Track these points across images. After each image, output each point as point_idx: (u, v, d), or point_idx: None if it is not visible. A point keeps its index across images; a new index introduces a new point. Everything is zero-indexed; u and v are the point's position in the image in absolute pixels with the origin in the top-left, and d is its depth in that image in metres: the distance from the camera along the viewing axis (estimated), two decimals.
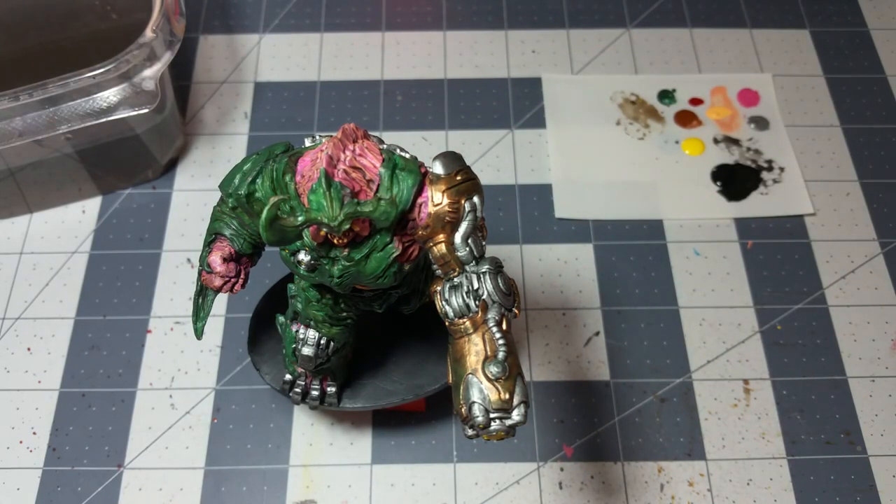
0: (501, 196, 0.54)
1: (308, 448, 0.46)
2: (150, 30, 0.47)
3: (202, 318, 0.36)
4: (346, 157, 0.30)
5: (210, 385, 0.48)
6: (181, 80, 0.60)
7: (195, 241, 0.53)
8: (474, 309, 0.31)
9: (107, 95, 0.46)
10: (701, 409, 0.47)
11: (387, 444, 0.46)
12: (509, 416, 0.30)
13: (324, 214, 0.29)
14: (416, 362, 0.42)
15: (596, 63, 0.61)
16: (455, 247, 0.31)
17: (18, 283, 0.51)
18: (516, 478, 0.45)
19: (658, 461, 0.46)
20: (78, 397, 0.47)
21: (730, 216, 0.53)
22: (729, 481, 0.45)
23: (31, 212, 0.54)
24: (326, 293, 0.36)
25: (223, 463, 0.45)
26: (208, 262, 0.34)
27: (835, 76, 0.60)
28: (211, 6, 0.64)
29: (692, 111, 0.58)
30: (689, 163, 0.56)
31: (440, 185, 0.31)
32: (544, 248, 0.53)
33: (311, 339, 0.38)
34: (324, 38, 0.62)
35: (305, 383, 0.41)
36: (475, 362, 0.30)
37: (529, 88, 0.59)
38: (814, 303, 0.51)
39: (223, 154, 0.56)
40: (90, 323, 0.50)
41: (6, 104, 0.45)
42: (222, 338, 0.49)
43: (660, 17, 0.63)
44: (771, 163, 0.56)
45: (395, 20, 0.63)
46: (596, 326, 0.50)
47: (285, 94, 0.59)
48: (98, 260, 0.52)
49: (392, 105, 0.59)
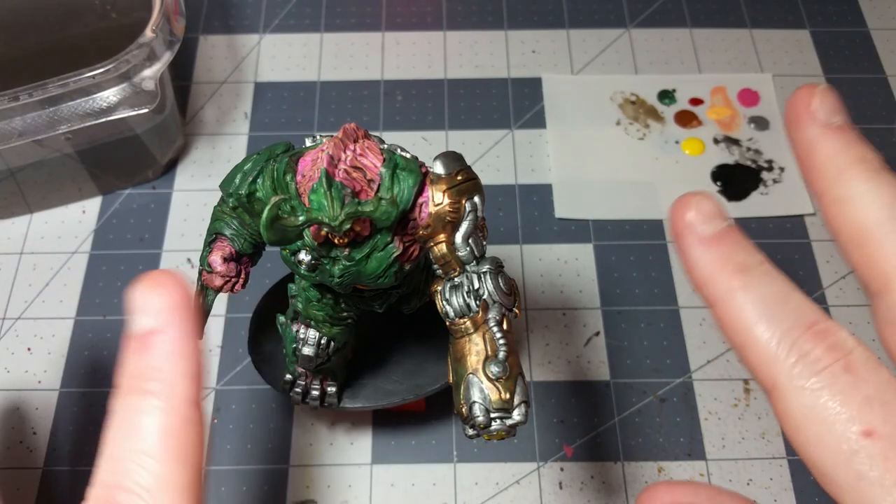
0: (501, 196, 0.54)
1: (308, 448, 0.46)
2: (150, 30, 0.47)
3: (202, 318, 0.36)
4: (346, 157, 0.30)
5: (210, 385, 0.48)
6: (181, 80, 0.60)
7: (195, 241, 0.53)
8: (475, 309, 0.31)
9: (107, 95, 0.46)
10: (701, 409, 0.47)
11: (387, 444, 0.46)
12: (510, 415, 0.30)
13: (325, 214, 0.29)
14: (416, 362, 0.42)
15: (596, 63, 0.61)
16: (456, 246, 0.31)
17: (18, 283, 0.51)
18: (516, 478, 0.45)
19: (658, 461, 0.46)
20: (78, 397, 0.47)
21: (730, 216, 0.53)
22: (729, 481, 0.45)
23: (31, 212, 0.54)
24: (327, 293, 0.36)
25: (223, 463, 0.45)
26: (209, 261, 0.34)
27: (835, 76, 0.60)
28: (211, 6, 0.64)
29: (692, 111, 0.58)
30: (689, 163, 0.56)
31: (441, 184, 0.31)
32: (544, 248, 0.53)
33: (312, 339, 0.38)
34: (324, 38, 0.62)
35: (306, 383, 0.41)
36: (476, 362, 0.30)
37: (529, 88, 0.59)
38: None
39: (223, 154, 0.56)
40: (90, 323, 0.50)
41: (6, 104, 0.45)
42: (222, 338, 0.49)
43: (660, 17, 0.63)
44: (771, 163, 0.56)
45: (395, 20, 0.63)
46: (596, 326, 0.50)
47: (285, 94, 0.59)
48: (98, 260, 0.52)
49: (392, 105, 0.59)
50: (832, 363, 0.24)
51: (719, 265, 0.26)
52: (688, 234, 0.26)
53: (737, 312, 0.25)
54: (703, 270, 0.26)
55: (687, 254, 0.27)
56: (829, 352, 0.24)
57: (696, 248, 0.26)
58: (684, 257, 0.27)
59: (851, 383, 0.23)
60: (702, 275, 0.26)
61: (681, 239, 0.26)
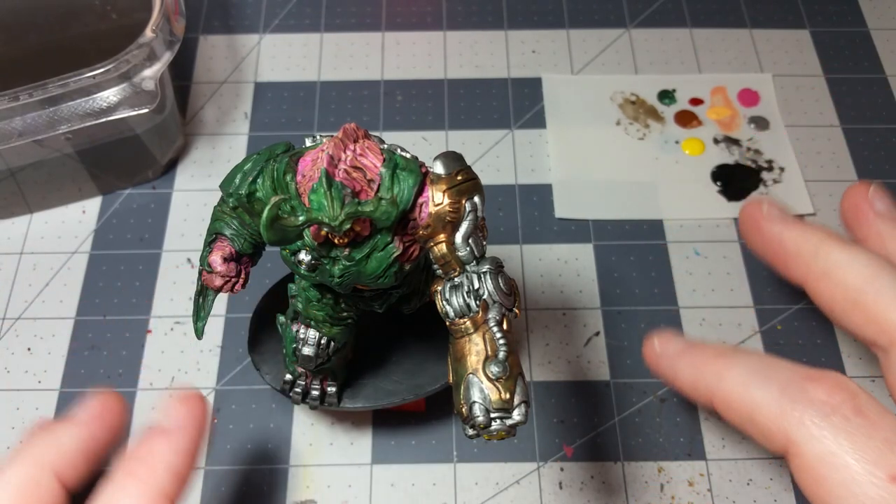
0: (501, 196, 0.54)
1: (308, 448, 0.46)
2: (150, 30, 0.47)
3: (202, 318, 0.36)
4: (346, 157, 0.30)
5: (210, 385, 0.48)
6: (181, 80, 0.60)
7: (195, 241, 0.53)
8: (475, 309, 0.31)
9: (107, 95, 0.46)
10: (701, 409, 0.47)
11: (387, 444, 0.46)
12: (510, 415, 0.30)
13: (325, 214, 0.29)
14: (417, 362, 0.42)
15: (596, 63, 0.61)
16: (456, 246, 0.31)
17: (18, 283, 0.51)
18: (516, 478, 0.45)
19: (658, 461, 0.46)
20: (78, 397, 0.47)
21: (730, 216, 0.53)
22: (729, 481, 0.45)
23: (31, 212, 0.54)
24: (327, 293, 0.36)
25: (223, 463, 0.45)
26: (209, 261, 0.34)
27: (835, 76, 0.60)
28: (211, 6, 0.64)
29: (692, 111, 0.58)
30: (689, 163, 0.56)
31: (441, 184, 0.31)
32: (544, 248, 0.53)
33: (312, 339, 0.38)
34: (324, 38, 0.62)
35: (306, 383, 0.41)
36: (476, 362, 0.30)
37: (529, 88, 0.59)
38: (814, 303, 0.50)
39: (223, 154, 0.56)
40: (90, 323, 0.50)
41: (6, 104, 0.45)
42: (222, 338, 0.49)
43: (660, 17, 0.63)
44: (771, 163, 0.56)
45: (395, 20, 0.63)
46: (596, 326, 0.50)
47: (285, 94, 0.59)
48: (98, 260, 0.52)
49: (392, 105, 0.59)
50: (840, 404, 0.23)
51: (699, 364, 0.27)
52: (661, 362, 0.29)
53: (731, 389, 0.25)
54: (687, 375, 0.27)
55: (668, 374, 0.29)
56: (834, 392, 0.23)
57: (673, 365, 0.28)
58: (669, 379, 0.28)
59: (866, 426, 0.22)
60: (687, 379, 0.27)
61: (657, 368, 0.29)
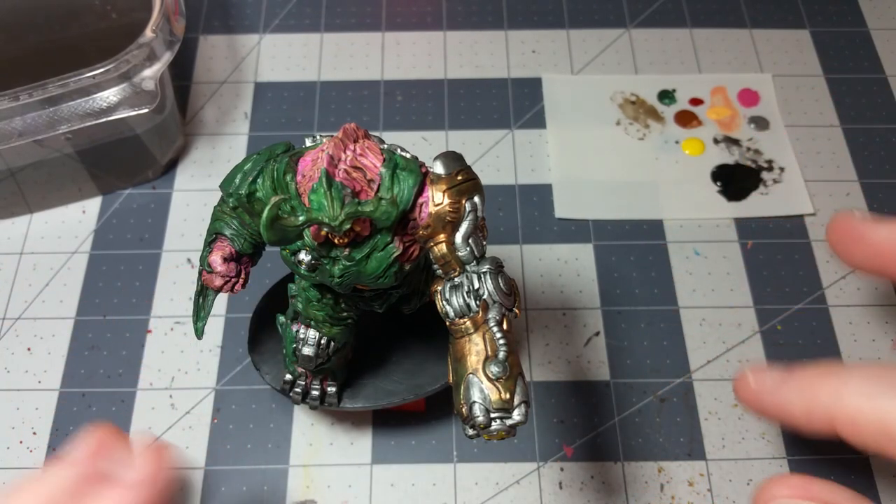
0: (501, 196, 0.54)
1: (308, 448, 0.46)
2: (150, 30, 0.47)
3: (202, 318, 0.36)
4: (346, 157, 0.30)
5: (210, 385, 0.48)
6: (181, 80, 0.60)
7: (195, 241, 0.53)
8: (475, 309, 0.31)
9: (107, 95, 0.46)
10: (701, 409, 0.47)
11: (387, 444, 0.46)
12: (510, 415, 0.30)
13: (325, 214, 0.29)
14: (417, 362, 0.42)
15: (596, 63, 0.61)
16: (456, 247, 0.31)
17: (18, 283, 0.51)
18: (516, 478, 0.45)
19: (658, 461, 0.46)
20: (78, 397, 0.47)
21: (730, 216, 0.53)
22: (729, 481, 0.45)
23: (31, 212, 0.54)
24: (327, 293, 0.36)
25: (223, 463, 0.45)
26: (209, 261, 0.34)
27: (835, 76, 0.60)
28: (211, 6, 0.64)
29: (692, 111, 0.58)
30: (689, 163, 0.56)
31: (441, 184, 0.31)
32: (544, 248, 0.53)
33: (312, 339, 0.38)
34: (324, 38, 0.62)
35: (305, 383, 0.41)
36: (476, 362, 0.30)
37: (529, 88, 0.59)
38: (814, 303, 0.51)
39: (223, 154, 0.56)
40: (90, 323, 0.50)
41: (6, 104, 0.45)
42: (222, 338, 0.49)
43: (660, 17, 0.63)
44: (771, 163, 0.56)
45: (395, 20, 0.63)
46: (596, 326, 0.50)
47: (285, 94, 0.59)
48: (98, 260, 0.52)
49: (392, 105, 0.59)
50: None
51: (808, 387, 0.30)
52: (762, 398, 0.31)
53: (854, 405, 0.28)
54: (798, 404, 0.30)
55: (775, 409, 0.31)
56: None
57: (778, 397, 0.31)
58: (777, 414, 0.31)
59: None
60: (800, 408, 0.30)
61: (759, 405, 0.31)
